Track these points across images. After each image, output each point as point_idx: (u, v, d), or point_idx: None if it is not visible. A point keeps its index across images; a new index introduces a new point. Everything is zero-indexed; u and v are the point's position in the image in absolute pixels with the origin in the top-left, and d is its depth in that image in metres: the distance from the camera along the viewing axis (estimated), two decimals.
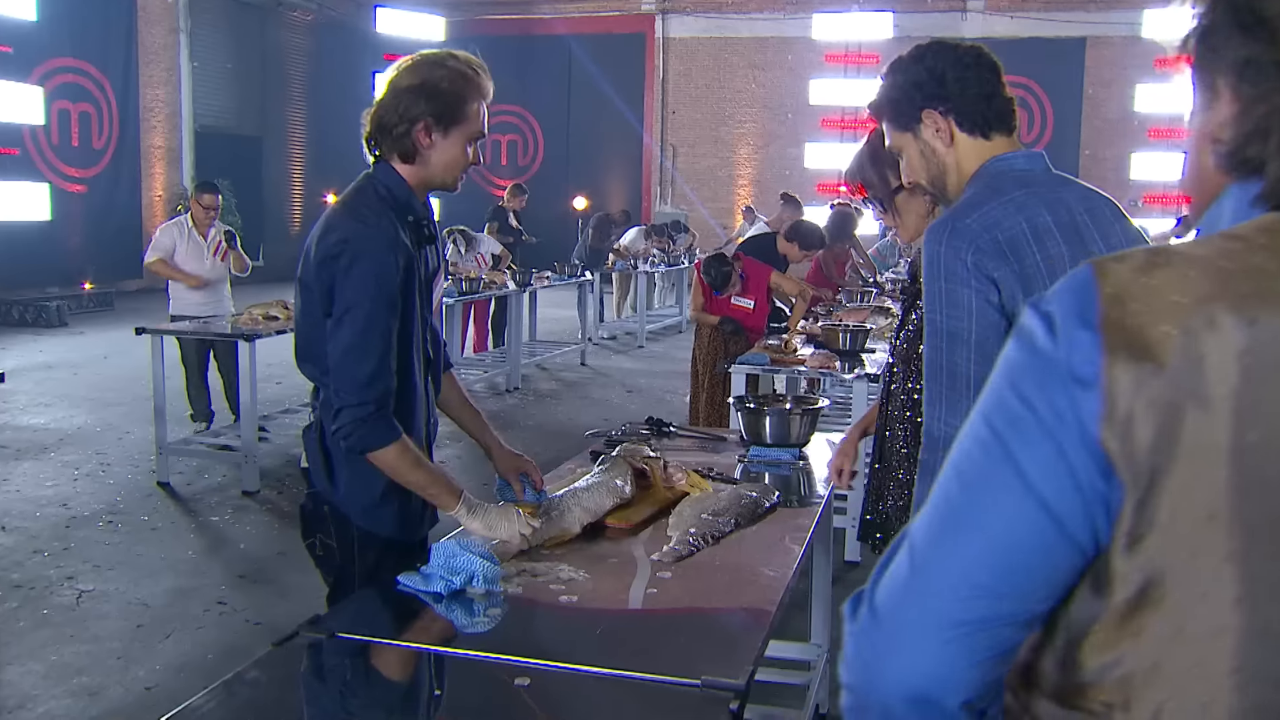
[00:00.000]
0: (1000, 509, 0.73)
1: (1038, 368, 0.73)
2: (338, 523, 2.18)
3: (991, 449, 0.74)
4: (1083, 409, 0.70)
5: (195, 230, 6.66)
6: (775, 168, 20.40)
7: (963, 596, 0.73)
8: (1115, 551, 0.71)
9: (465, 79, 2.12)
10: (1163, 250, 0.73)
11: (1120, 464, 0.69)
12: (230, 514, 5.39)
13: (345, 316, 2.03)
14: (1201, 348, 0.67)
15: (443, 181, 2.19)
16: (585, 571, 2.03)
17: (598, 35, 20.62)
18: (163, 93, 16.44)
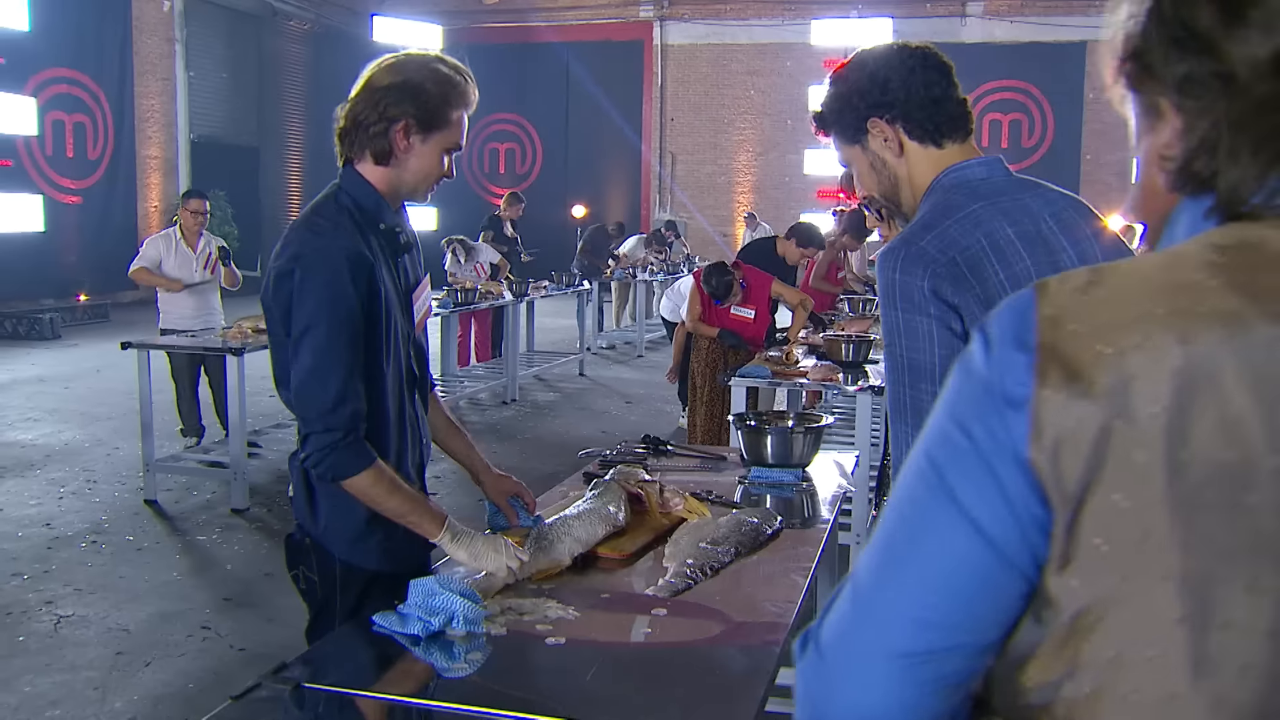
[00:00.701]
0: (938, 540, 0.72)
1: (974, 392, 0.73)
2: (320, 556, 2.07)
3: (929, 479, 0.74)
4: (1014, 431, 0.70)
5: (184, 241, 6.53)
6: (775, 174, 20.31)
7: (906, 630, 0.73)
8: (1049, 574, 0.70)
9: (451, 85, 2.01)
10: (1105, 268, 0.72)
11: (1050, 486, 0.69)
12: (218, 533, 5.25)
13: (303, 338, 1.90)
14: (1133, 367, 0.66)
15: (413, 189, 2.07)
16: (575, 609, 1.89)
17: (595, 43, 20.54)
18: (158, 103, 16.34)
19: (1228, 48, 0.69)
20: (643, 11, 20.52)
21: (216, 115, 17.80)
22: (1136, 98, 0.77)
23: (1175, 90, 0.72)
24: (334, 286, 1.90)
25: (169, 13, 16.36)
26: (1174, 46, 0.71)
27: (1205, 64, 0.70)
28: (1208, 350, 0.65)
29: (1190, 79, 0.71)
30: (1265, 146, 0.69)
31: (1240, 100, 0.69)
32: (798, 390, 5.63)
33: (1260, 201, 0.70)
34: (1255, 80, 0.69)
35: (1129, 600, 0.67)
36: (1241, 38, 0.69)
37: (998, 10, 18.60)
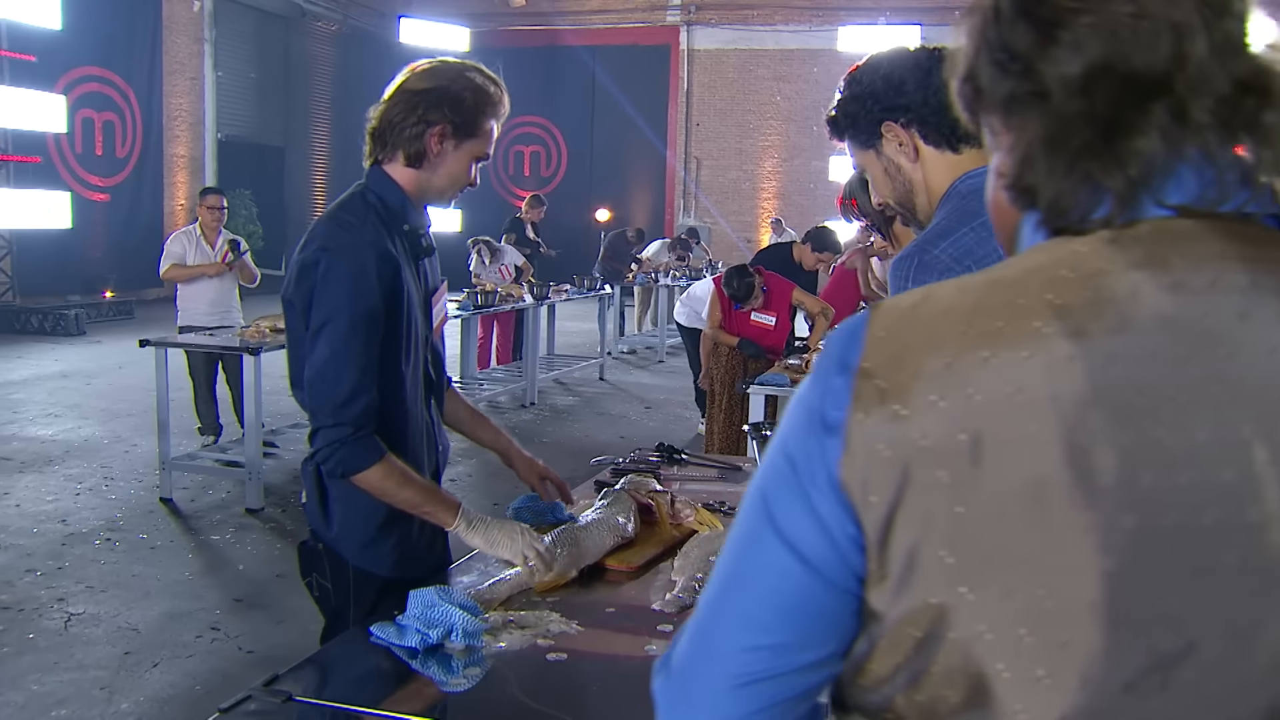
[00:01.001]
0: (764, 567, 0.75)
1: (799, 419, 0.75)
2: (333, 563, 2.05)
3: (757, 508, 0.76)
4: (829, 455, 0.72)
5: (203, 239, 6.55)
6: (800, 181, 20.21)
7: (741, 657, 0.75)
8: (870, 589, 0.72)
9: (486, 95, 2.03)
10: (937, 287, 0.74)
11: (860, 507, 0.70)
12: (231, 533, 5.23)
13: (322, 330, 1.89)
14: (940, 387, 0.68)
15: (440, 194, 2.08)
16: (578, 623, 1.83)
17: (622, 47, 20.52)
18: (186, 102, 16.45)
19: (1042, 68, 0.72)
20: (669, 16, 20.48)
21: (243, 115, 17.91)
22: (978, 118, 0.79)
23: (1002, 110, 0.75)
24: (358, 280, 1.89)
25: (198, 13, 16.47)
26: (997, 68, 0.74)
27: (1024, 84, 0.73)
28: (1008, 370, 0.67)
29: (1012, 98, 0.74)
30: (1078, 163, 0.71)
31: (1052, 118, 0.72)
32: None
33: (1084, 216, 0.72)
34: (1066, 98, 0.71)
35: (942, 618, 0.69)
36: (1054, 58, 0.71)
37: None
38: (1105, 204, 0.71)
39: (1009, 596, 0.67)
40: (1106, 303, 0.67)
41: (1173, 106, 0.69)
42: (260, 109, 18.34)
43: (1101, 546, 0.65)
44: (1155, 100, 0.69)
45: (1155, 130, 0.69)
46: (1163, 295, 0.67)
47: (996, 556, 0.67)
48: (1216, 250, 0.69)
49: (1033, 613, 0.67)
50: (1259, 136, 0.70)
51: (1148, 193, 0.71)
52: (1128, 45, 0.69)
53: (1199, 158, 0.70)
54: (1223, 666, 0.66)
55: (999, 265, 0.74)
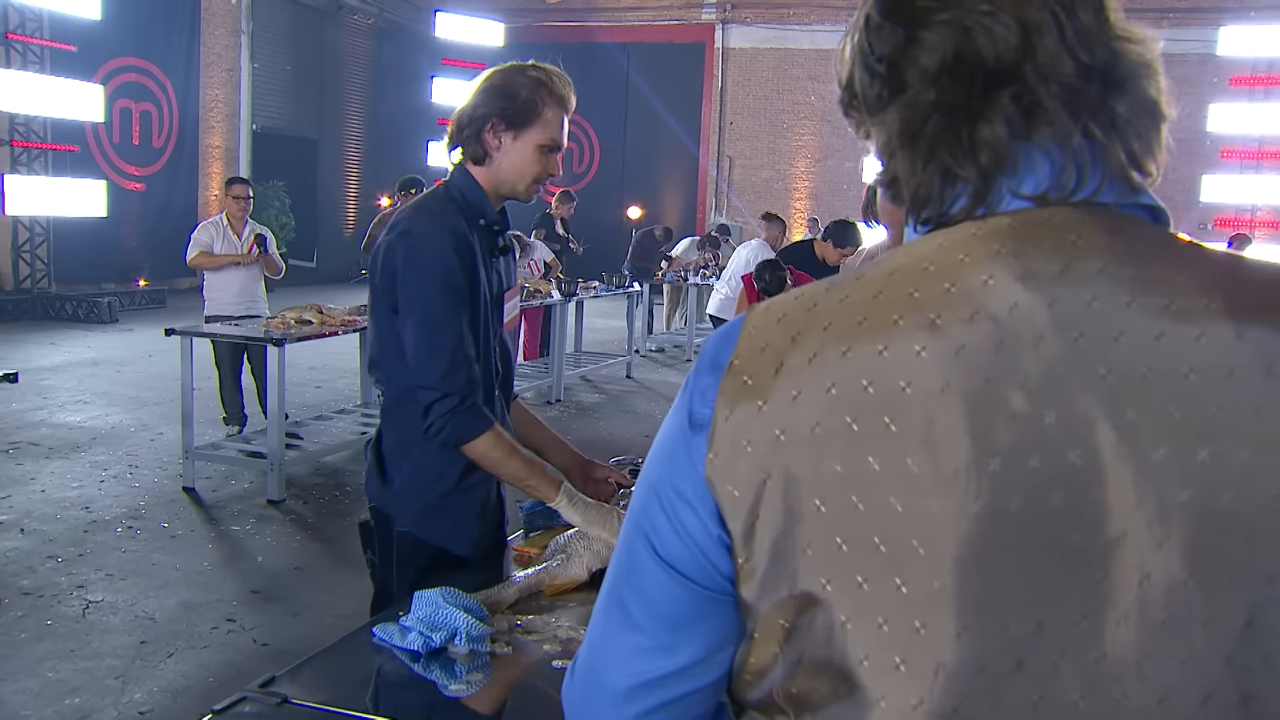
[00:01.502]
0: (642, 578, 0.77)
1: (670, 425, 0.77)
2: (382, 538, 2.16)
3: (630, 525, 0.79)
4: (695, 453, 0.73)
5: (230, 228, 6.56)
6: (832, 181, 20.06)
7: (632, 659, 0.78)
8: (740, 585, 0.74)
9: (540, 84, 2.09)
10: (812, 286, 0.76)
11: (725, 504, 0.72)
12: (252, 524, 5.23)
13: (413, 309, 2.01)
14: (799, 383, 0.70)
15: (513, 188, 2.15)
16: (585, 629, 1.78)
17: (657, 44, 20.45)
18: (222, 93, 16.56)
19: (904, 65, 0.74)
20: (704, 14, 20.39)
21: (278, 107, 18.01)
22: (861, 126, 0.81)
23: (875, 109, 0.77)
24: (443, 257, 2.00)
25: (236, 5, 16.57)
26: (867, 72, 0.77)
27: (889, 83, 0.75)
28: (863, 363, 0.68)
29: (880, 98, 0.76)
30: (934, 154, 0.73)
31: (908, 110, 0.74)
32: None
33: (945, 207, 0.74)
34: (920, 90, 0.73)
35: (805, 610, 0.70)
36: (913, 56, 0.74)
37: None
38: (963, 196, 0.73)
39: (865, 586, 0.68)
40: (960, 294, 0.69)
41: (1019, 94, 0.71)
42: (295, 101, 18.43)
43: (953, 533, 0.66)
44: (1002, 89, 0.71)
45: (1000, 117, 0.71)
46: (1014, 284, 0.68)
47: (853, 547, 0.68)
48: (1069, 239, 0.70)
49: (888, 601, 0.68)
50: (1106, 124, 0.72)
51: (1003, 182, 0.72)
52: (980, 38, 0.72)
53: (1052, 145, 0.72)
54: (1075, 646, 0.67)
55: (871, 263, 0.76)
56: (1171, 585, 0.66)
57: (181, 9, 15.45)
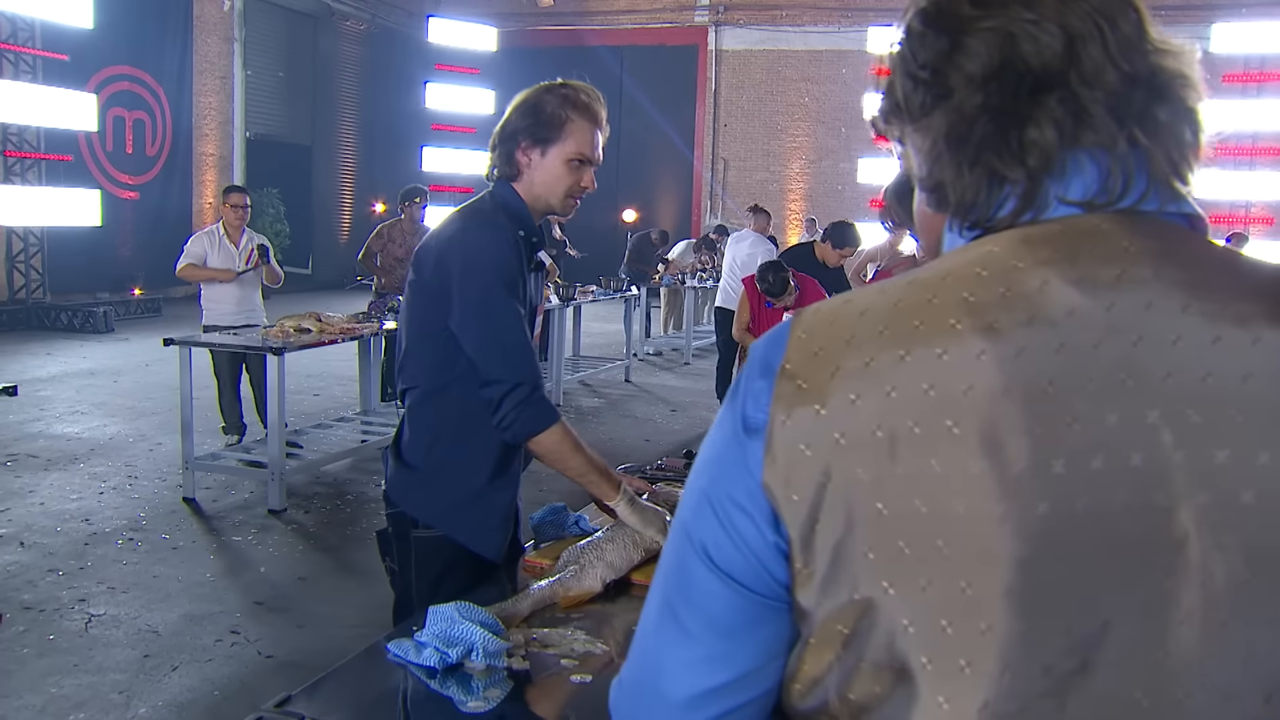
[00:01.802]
0: (695, 587, 0.76)
1: (720, 429, 0.77)
2: (400, 543, 2.17)
3: (680, 535, 0.78)
4: (750, 458, 0.73)
5: (226, 238, 6.53)
6: (828, 183, 20.06)
7: (687, 670, 0.77)
8: (796, 591, 0.73)
9: (568, 100, 2.13)
10: (860, 291, 0.76)
11: (783, 509, 0.72)
12: (253, 534, 5.20)
13: (478, 305, 2.02)
14: (858, 386, 0.70)
15: (547, 202, 2.17)
16: (603, 642, 1.76)
17: (649, 47, 20.44)
18: (215, 101, 16.51)
19: (949, 72, 0.75)
20: (698, 16, 20.38)
21: (272, 114, 17.96)
22: (898, 138, 0.82)
23: (917, 117, 0.78)
24: (504, 254, 2.03)
25: (229, 12, 16.53)
26: (911, 80, 0.78)
27: (934, 89, 0.76)
28: (922, 366, 0.68)
29: (924, 105, 0.77)
30: (980, 156, 0.74)
31: (955, 114, 0.75)
32: None
33: (991, 211, 0.75)
34: (967, 94, 0.74)
35: (864, 614, 0.70)
36: (958, 63, 0.75)
37: None
38: (1011, 199, 0.74)
39: (929, 589, 0.68)
40: (1017, 298, 0.69)
41: (1066, 99, 0.72)
42: (289, 108, 18.39)
43: (1017, 534, 0.67)
44: (1049, 93, 0.72)
45: (1049, 121, 0.72)
46: (1070, 289, 0.69)
47: (916, 550, 0.68)
48: (1122, 245, 0.71)
49: (952, 604, 0.68)
50: (1150, 130, 0.73)
51: (1050, 185, 0.73)
52: (1025, 45, 0.73)
53: (1098, 151, 0.73)
54: (1140, 646, 0.67)
55: (920, 268, 0.76)
56: (1234, 585, 0.67)
57: (174, 17, 15.41)
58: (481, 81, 19.44)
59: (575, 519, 2.31)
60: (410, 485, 2.16)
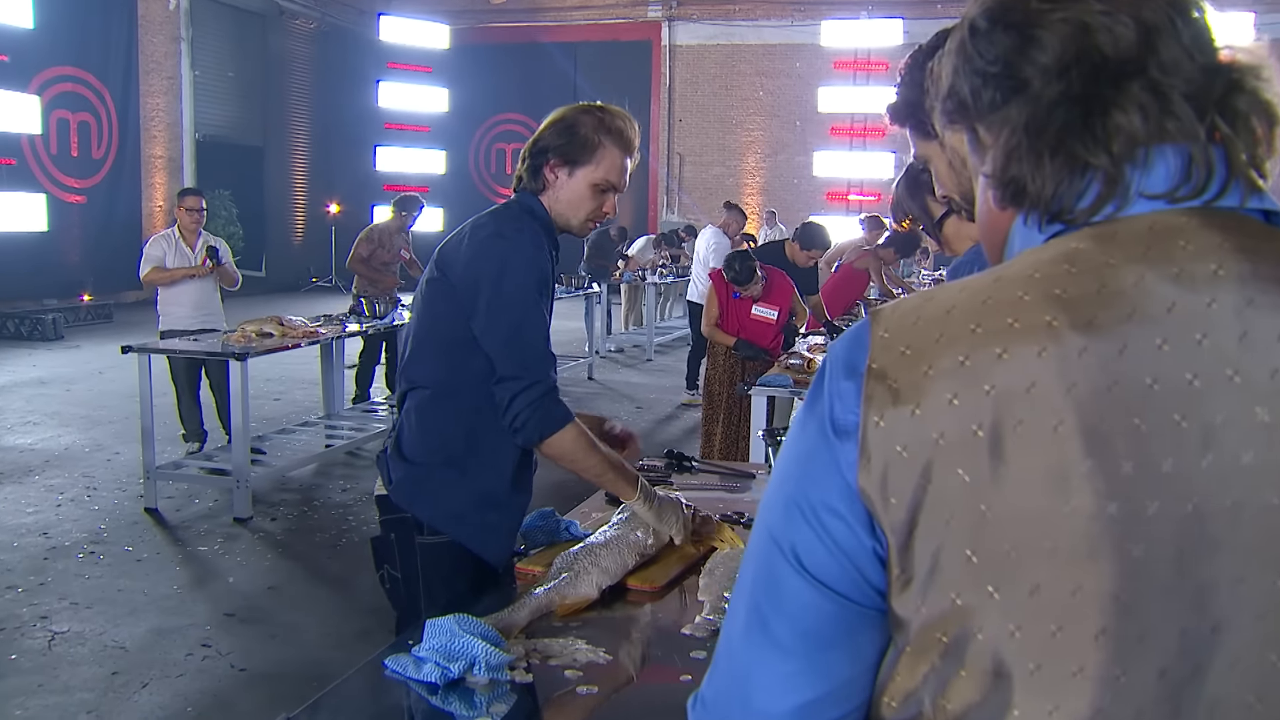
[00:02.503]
0: (786, 597, 0.74)
1: (806, 432, 0.75)
2: (404, 550, 2.12)
3: (766, 541, 0.76)
4: (843, 461, 0.71)
5: (182, 240, 6.39)
6: (783, 176, 20.13)
7: (780, 684, 0.74)
8: (893, 598, 0.72)
9: (603, 125, 2.12)
10: (939, 289, 0.75)
11: (880, 513, 0.70)
12: (220, 543, 5.09)
13: (508, 302, 2.01)
14: (955, 386, 0.68)
15: (567, 222, 2.16)
16: (605, 650, 1.72)
17: (603, 43, 20.37)
18: (163, 101, 16.19)
19: (1021, 65, 0.74)
20: (651, 11, 20.35)
21: (221, 114, 17.66)
22: (963, 133, 0.81)
23: (986, 113, 0.77)
24: (539, 256, 2.04)
25: (174, 11, 16.20)
26: (979, 77, 0.76)
27: (1005, 82, 0.75)
28: (1022, 364, 0.67)
29: (994, 102, 0.76)
30: (1062, 144, 0.72)
31: (1033, 103, 0.73)
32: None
33: (1078, 209, 0.73)
34: (1045, 84, 0.73)
35: (964, 620, 0.68)
36: (1031, 56, 0.74)
37: None
38: (1093, 188, 0.72)
39: (1037, 592, 0.67)
40: (1113, 294, 0.68)
41: (1147, 86, 0.71)
42: (239, 108, 18.09)
43: (1128, 535, 0.65)
44: (1131, 80, 0.71)
45: (1134, 106, 0.71)
46: (1168, 284, 0.68)
47: (1022, 553, 0.67)
48: (1215, 242, 0.69)
49: (1062, 607, 0.66)
50: (1230, 120, 0.72)
51: (1133, 175, 0.71)
52: (1101, 35, 0.71)
53: (1179, 142, 0.71)
54: (1253, 648, 0.66)
55: (1000, 266, 0.75)
56: None
57: (118, 16, 15.07)
58: (434, 80, 19.28)
59: (566, 525, 2.27)
60: (418, 489, 2.11)
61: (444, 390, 2.09)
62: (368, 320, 6.97)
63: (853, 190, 18.66)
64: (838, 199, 18.72)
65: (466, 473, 2.08)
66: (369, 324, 6.94)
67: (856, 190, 18.61)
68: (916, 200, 1.84)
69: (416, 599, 2.10)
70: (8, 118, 12.51)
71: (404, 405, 2.17)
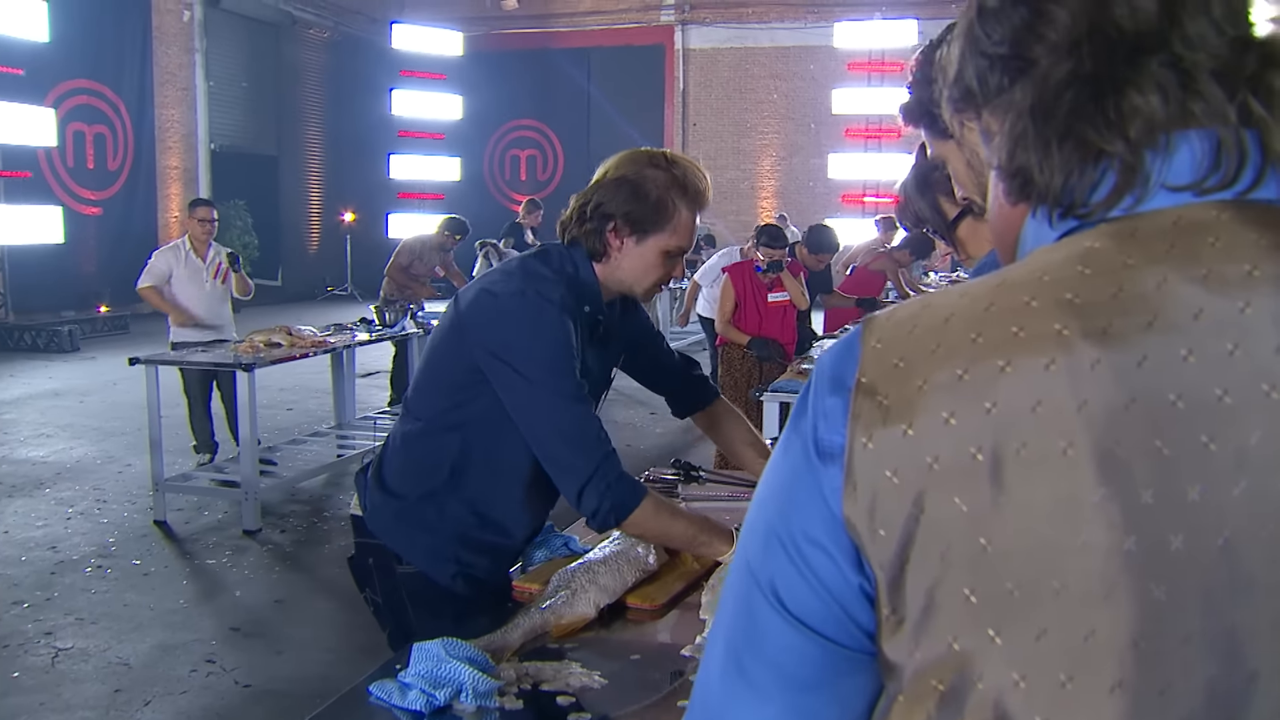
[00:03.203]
0: (765, 639, 0.67)
1: (791, 448, 0.68)
2: (383, 576, 2.04)
3: (745, 577, 0.69)
4: (826, 486, 0.65)
5: (193, 252, 6.35)
6: (799, 179, 20.03)
7: None
8: (883, 640, 0.65)
9: (677, 184, 1.92)
10: (938, 294, 0.67)
11: (868, 546, 0.63)
12: (228, 556, 5.04)
13: (544, 379, 1.84)
14: (952, 403, 0.61)
15: (629, 289, 2.02)
16: (601, 674, 1.65)
17: (616, 48, 20.34)
18: (178, 113, 16.25)
19: (1030, 42, 0.68)
20: (664, 16, 20.30)
21: (236, 125, 17.72)
22: (975, 124, 0.75)
23: (993, 97, 0.71)
24: (565, 327, 1.85)
25: (188, 23, 16.28)
26: (986, 60, 0.70)
27: (1012, 64, 0.69)
28: (1028, 379, 0.60)
29: (1001, 85, 0.70)
30: (1072, 129, 0.65)
31: (1040, 84, 0.67)
32: None
33: (1093, 202, 0.65)
34: (1054, 63, 0.66)
35: (962, 663, 0.61)
36: (1041, 33, 0.67)
37: None
38: (1109, 178, 0.64)
39: (1045, 637, 0.59)
40: (1133, 298, 0.60)
41: (1168, 62, 0.64)
42: (253, 118, 18.14)
43: (1148, 573, 0.58)
44: (1150, 56, 0.64)
45: (1152, 85, 0.63)
46: (1194, 287, 0.60)
47: (1027, 592, 0.60)
48: (1250, 239, 0.61)
49: (1073, 654, 0.59)
50: (1265, 99, 0.63)
51: (1153, 163, 0.64)
52: (1117, 7, 0.64)
53: (1207, 126, 0.63)
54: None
55: (1006, 268, 0.67)
56: None
57: (132, 28, 15.14)
58: (448, 87, 19.28)
59: (564, 540, 2.19)
60: (395, 521, 2.03)
61: (437, 426, 1.99)
62: (378, 329, 6.93)
63: (868, 192, 18.53)
64: (853, 201, 18.59)
65: (445, 511, 1.99)
66: (378, 333, 6.90)
67: (872, 192, 18.48)
68: (927, 199, 1.74)
69: (404, 623, 2.03)
70: (24, 131, 12.55)
71: (396, 426, 2.10)
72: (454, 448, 1.98)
